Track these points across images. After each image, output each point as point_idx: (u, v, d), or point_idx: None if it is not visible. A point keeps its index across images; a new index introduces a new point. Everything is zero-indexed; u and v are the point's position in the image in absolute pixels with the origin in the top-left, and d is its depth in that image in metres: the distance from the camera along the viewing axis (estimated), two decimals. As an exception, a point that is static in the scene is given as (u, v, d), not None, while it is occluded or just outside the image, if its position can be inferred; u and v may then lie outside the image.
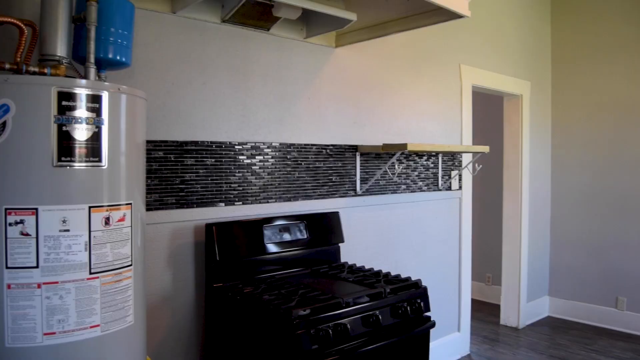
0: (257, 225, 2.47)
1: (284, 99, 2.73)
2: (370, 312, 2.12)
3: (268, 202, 2.65)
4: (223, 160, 2.47)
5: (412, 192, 3.50)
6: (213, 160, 2.44)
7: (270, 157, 2.66)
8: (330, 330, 1.96)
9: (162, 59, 2.27)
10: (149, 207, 2.22)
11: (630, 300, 4.62)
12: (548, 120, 5.04)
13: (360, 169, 3.11)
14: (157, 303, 2.26)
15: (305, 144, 2.82)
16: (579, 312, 4.92)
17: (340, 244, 2.85)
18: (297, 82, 2.79)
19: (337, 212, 2.84)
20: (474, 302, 5.28)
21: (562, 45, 4.98)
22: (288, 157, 2.74)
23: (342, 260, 2.95)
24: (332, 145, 2.96)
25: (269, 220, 2.53)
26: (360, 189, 3.11)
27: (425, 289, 2.35)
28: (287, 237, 2.57)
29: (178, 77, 2.32)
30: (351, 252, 3.08)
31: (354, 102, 3.11)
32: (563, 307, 5.03)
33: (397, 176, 3.37)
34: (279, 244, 2.53)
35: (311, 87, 2.87)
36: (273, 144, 2.67)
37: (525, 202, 4.69)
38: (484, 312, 5.15)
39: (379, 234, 3.29)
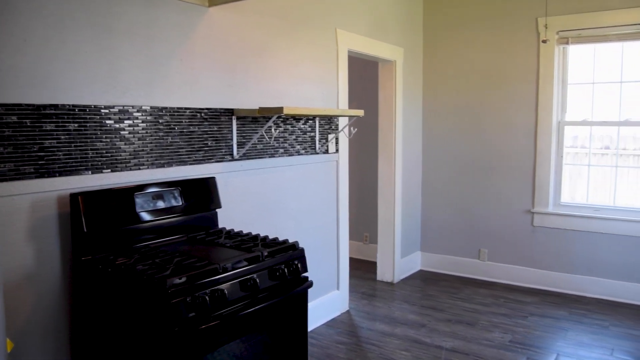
0: (127, 193, 2.35)
1: (155, 60, 2.60)
2: (248, 276, 2.13)
3: (140, 168, 2.53)
4: (88, 125, 2.31)
5: (290, 155, 3.53)
6: (76, 125, 2.27)
7: (140, 121, 2.53)
8: (207, 297, 1.94)
9: (11, 12, 2.04)
10: (3, 177, 2.03)
11: (491, 251, 5.08)
12: (420, 85, 5.29)
13: (237, 133, 3.07)
14: (18, 281, 2.10)
15: (178, 108, 2.71)
16: (447, 265, 5.33)
17: (217, 210, 2.82)
18: (169, 42, 2.66)
19: (214, 177, 2.79)
20: (352, 260, 5.51)
21: (433, 14, 5.21)
22: (160, 121, 2.63)
23: (221, 226, 2.92)
24: (207, 108, 2.88)
25: (141, 187, 2.42)
26: (237, 154, 3.07)
27: (302, 251, 2.40)
28: (161, 204, 2.48)
29: (32, 34, 2.11)
30: (230, 218, 3.06)
31: (230, 64, 3.03)
32: (433, 261, 5.41)
33: (275, 140, 3.37)
34: (152, 212, 2.44)
35: (184, 48, 2.75)
36: (143, 107, 2.54)
37: (399, 163, 4.93)
38: (362, 269, 5.40)
39: (258, 198, 3.29)
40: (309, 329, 3.82)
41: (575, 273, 4.69)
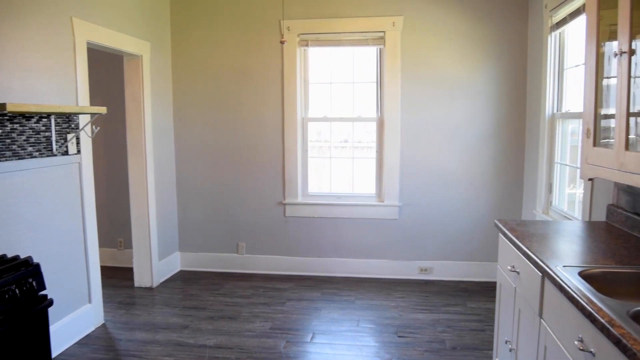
0: None
1: None
2: (-34, 304, 1.79)
3: None
4: None
5: (20, 159, 3.08)
6: None
7: None
8: None
9: None
10: None
11: (248, 244, 5.23)
12: (169, 81, 5.15)
13: (-53, 135, 2.56)
14: None
15: None
16: (208, 262, 5.31)
17: None
18: None
19: None
20: (106, 269, 5.13)
21: (181, 10, 5.09)
22: None
23: None
24: None
25: None
26: (-51, 159, 2.57)
27: (37, 267, 2.12)
28: None
29: None
30: (-57, 236, 2.54)
31: None
32: (193, 259, 5.34)
33: None
34: None
35: None
36: None
37: (151, 162, 4.73)
38: (118, 277, 5.06)
39: (-18, 210, 2.81)
40: (58, 351, 3.42)
41: (325, 256, 5.11)
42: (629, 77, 2.02)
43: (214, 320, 4.02)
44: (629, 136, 2.05)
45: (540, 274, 2.04)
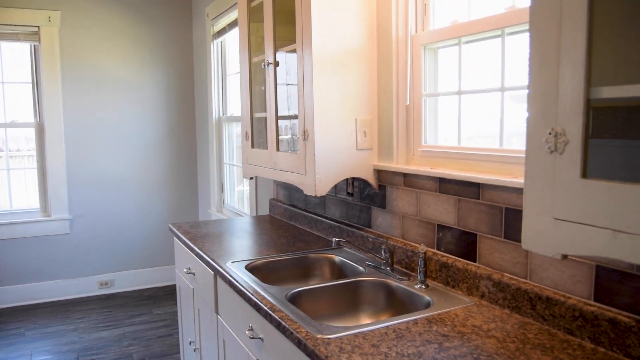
0: None
1: None
2: None
3: None
4: None
5: None
6: None
7: None
8: None
9: None
10: None
11: None
12: None
13: None
14: None
15: None
16: None
17: None
18: None
19: None
20: None
21: None
22: None
23: None
24: None
25: None
26: None
27: None
28: None
29: None
30: None
31: None
32: None
33: None
34: None
35: None
36: None
37: None
38: None
39: None
40: None
41: (-18, 287, 4.36)
42: (276, 85, 2.26)
43: None
44: (279, 138, 2.29)
45: (213, 272, 2.13)
